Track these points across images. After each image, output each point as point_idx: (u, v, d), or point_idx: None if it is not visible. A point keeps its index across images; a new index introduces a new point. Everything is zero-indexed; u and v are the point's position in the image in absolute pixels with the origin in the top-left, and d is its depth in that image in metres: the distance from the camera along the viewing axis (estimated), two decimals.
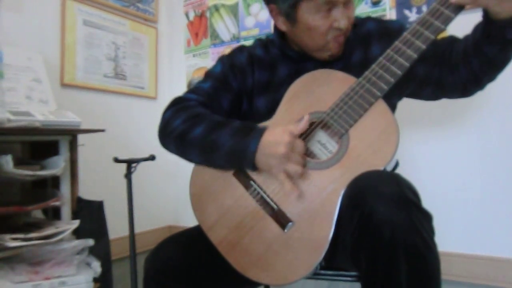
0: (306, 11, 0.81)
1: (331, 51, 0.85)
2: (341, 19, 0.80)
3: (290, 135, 0.73)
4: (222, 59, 0.96)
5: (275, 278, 0.71)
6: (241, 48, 0.97)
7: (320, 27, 0.81)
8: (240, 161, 0.77)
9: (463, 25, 0.88)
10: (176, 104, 0.89)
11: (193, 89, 0.92)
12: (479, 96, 0.87)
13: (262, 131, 0.76)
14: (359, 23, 0.92)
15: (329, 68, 0.87)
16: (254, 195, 0.78)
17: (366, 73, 0.75)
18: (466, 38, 0.82)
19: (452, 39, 0.86)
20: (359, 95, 0.74)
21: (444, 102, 0.93)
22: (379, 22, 0.92)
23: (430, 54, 0.83)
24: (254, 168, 0.76)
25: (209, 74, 0.94)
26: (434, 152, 1.56)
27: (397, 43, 0.74)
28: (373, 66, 0.75)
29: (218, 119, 0.83)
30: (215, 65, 0.96)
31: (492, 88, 0.86)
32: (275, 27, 0.93)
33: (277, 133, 0.74)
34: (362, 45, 0.89)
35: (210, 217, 0.81)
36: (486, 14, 0.73)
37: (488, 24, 0.74)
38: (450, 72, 0.84)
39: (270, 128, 0.76)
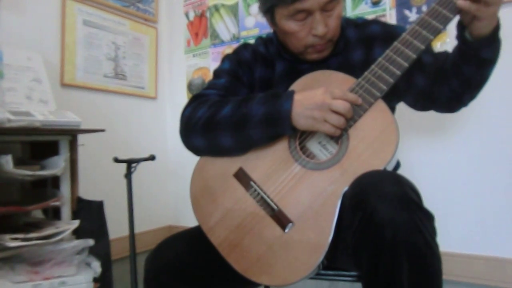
0: (281, 17, 0.81)
1: (310, 55, 0.86)
2: (317, 26, 0.78)
3: (324, 88, 0.72)
4: (228, 57, 0.96)
5: (275, 279, 0.71)
6: (245, 45, 0.97)
7: (297, 33, 0.81)
8: (277, 125, 0.74)
9: None
10: (195, 100, 0.87)
11: (209, 86, 0.92)
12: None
13: (292, 92, 0.75)
14: (363, 24, 0.91)
15: (326, 64, 0.87)
16: (254, 195, 0.78)
17: (366, 73, 0.75)
18: (448, 57, 0.81)
19: (446, 55, 0.85)
20: (358, 95, 0.74)
21: None
22: (385, 26, 0.91)
23: (430, 67, 0.83)
24: (294, 129, 0.74)
25: (219, 71, 0.94)
26: (434, 153, 1.56)
27: (396, 43, 0.74)
28: (373, 66, 0.75)
29: (242, 98, 0.81)
30: (222, 63, 0.96)
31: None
32: None
33: (309, 91, 0.73)
34: (364, 45, 0.88)
35: (211, 218, 0.81)
36: (461, 35, 0.74)
37: (464, 44, 0.74)
38: (437, 87, 0.83)
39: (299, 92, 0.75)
